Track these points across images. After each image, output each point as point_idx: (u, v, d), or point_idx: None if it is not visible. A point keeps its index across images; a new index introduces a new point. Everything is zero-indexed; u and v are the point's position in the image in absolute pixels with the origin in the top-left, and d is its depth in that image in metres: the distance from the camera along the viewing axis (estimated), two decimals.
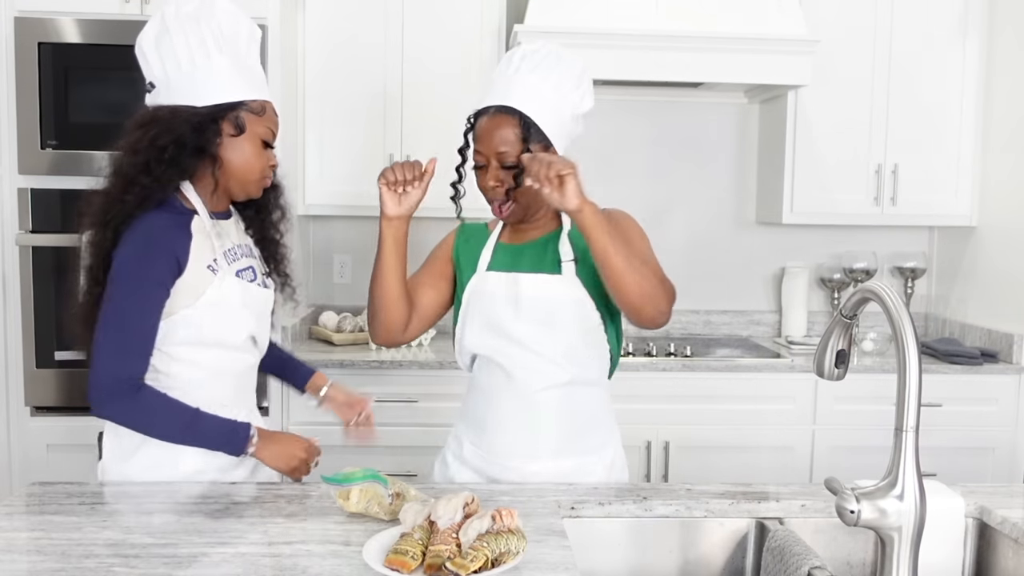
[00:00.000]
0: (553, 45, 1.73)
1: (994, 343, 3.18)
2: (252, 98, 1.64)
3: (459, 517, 1.33)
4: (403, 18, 3.15)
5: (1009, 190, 3.18)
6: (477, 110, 1.72)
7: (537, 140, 1.67)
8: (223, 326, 1.66)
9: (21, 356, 2.80)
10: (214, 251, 1.64)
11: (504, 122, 1.66)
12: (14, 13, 2.72)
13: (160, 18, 1.62)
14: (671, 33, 2.98)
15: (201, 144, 1.60)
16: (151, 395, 1.59)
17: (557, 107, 1.69)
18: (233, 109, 1.62)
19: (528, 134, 1.66)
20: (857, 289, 1.18)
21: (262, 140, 1.66)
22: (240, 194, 1.70)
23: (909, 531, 1.09)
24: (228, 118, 1.62)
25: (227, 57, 1.61)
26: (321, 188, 3.21)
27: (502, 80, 1.70)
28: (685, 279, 3.59)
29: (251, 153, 1.65)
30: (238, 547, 1.33)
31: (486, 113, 1.69)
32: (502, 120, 1.66)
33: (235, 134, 1.63)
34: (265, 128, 1.66)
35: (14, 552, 1.32)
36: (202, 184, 1.66)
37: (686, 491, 1.62)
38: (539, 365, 1.71)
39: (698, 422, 3.03)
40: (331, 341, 3.22)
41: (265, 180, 1.70)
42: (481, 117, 1.70)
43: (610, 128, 3.57)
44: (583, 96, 1.73)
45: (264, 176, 1.69)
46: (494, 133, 1.66)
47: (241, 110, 1.62)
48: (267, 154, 1.68)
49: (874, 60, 3.26)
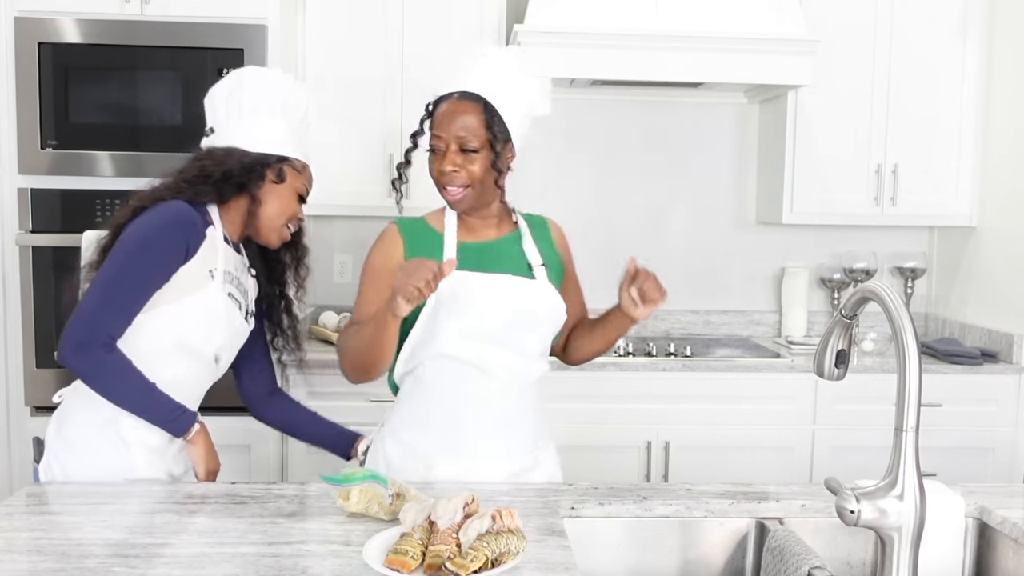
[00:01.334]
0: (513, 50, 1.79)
1: (994, 343, 3.18)
2: (298, 157, 1.83)
3: (459, 517, 1.33)
4: (403, 18, 3.15)
5: (1009, 190, 3.18)
6: (437, 96, 1.71)
7: (499, 128, 1.67)
8: (199, 333, 1.74)
9: (21, 356, 2.80)
10: (217, 262, 1.73)
11: (468, 107, 1.66)
12: (14, 13, 2.72)
13: (238, 75, 1.83)
14: (671, 33, 2.98)
15: (244, 181, 1.76)
16: (119, 357, 1.66)
17: (518, 100, 1.70)
18: (280, 161, 1.79)
19: (491, 121, 1.66)
20: (857, 289, 1.18)
21: (298, 193, 1.83)
22: (260, 236, 1.83)
23: (909, 531, 1.09)
24: (273, 167, 1.79)
25: (285, 120, 1.82)
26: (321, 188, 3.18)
27: (467, 67, 1.72)
28: (685, 279, 3.62)
29: (285, 201, 1.81)
30: (238, 547, 1.33)
31: (448, 99, 1.68)
32: (466, 105, 1.66)
33: (276, 181, 1.79)
34: (303, 184, 1.84)
35: (14, 552, 1.32)
36: (229, 213, 1.80)
37: (686, 491, 1.62)
38: (519, 364, 1.71)
39: (698, 422, 3.03)
40: (331, 341, 3.22)
41: (285, 231, 1.84)
42: (441, 103, 1.69)
43: (610, 128, 3.57)
44: (543, 98, 1.75)
45: (286, 224, 1.83)
46: (455, 117, 1.65)
47: (286, 164, 1.80)
48: (297, 207, 1.84)
49: (874, 60, 3.26)
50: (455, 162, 1.65)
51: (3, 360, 2.82)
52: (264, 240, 1.84)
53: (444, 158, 1.66)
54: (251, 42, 2.77)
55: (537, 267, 1.73)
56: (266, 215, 1.80)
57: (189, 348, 1.73)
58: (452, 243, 1.72)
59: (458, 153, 1.65)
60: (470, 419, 1.72)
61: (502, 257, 1.74)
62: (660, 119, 3.57)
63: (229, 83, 1.82)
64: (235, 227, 1.82)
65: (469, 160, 1.65)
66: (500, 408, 1.72)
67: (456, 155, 1.65)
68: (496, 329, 1.69)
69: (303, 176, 1.85)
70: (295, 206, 1.84)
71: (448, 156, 1.66)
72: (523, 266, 1.73)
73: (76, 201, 2.77)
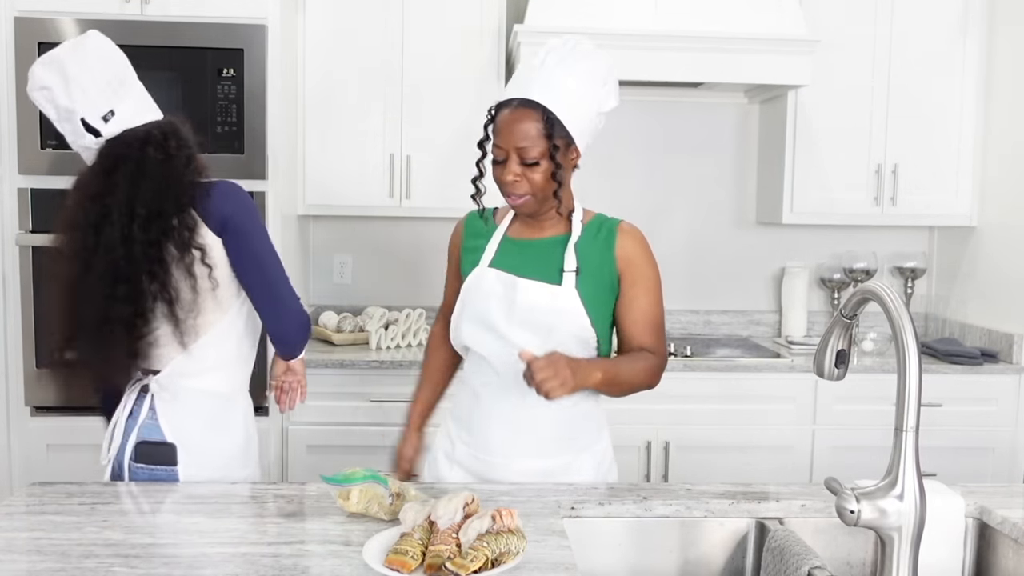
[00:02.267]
0: (581, 40, 1.68)
1: (994, 343, 3.18)
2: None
3: (459, 517, 1.33)
4: (403, 18, 3.15)
5: (1009, 190, 3.18)
6: (499, 102, 1.68)
7: (560, 136, 1.63)
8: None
9: (21, 356, 2.80)
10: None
11: (526, 116, 1.62)
12: (14, 13, 2.72)
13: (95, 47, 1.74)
14: (671, 33, 2.98)
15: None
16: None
17: (581, 102, 1.66)
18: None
19: (551, 130, 1.62)
20: (857, 289, 1.18)
21: None
22: None
23: (909, 531, 1.09)
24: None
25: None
26: (321, 188, 3.20)
27: (526, 72, 1.67)
28: (685, 279, 3.62)
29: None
30: (238, 547, 1.33)
31: (508, 106, 1.65)
32: (524, 114, 1.62)
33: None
34: None
35: (14, 552, 1.32)
36: None
37: (686, 491, 1.62)
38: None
39: (698, 422, 3.03)
40: (331, 341, 3.22)
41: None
42: (502, 110, 1.66)
43: (610, 128, 3.51)
44: (609, 93, 1.71)
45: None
46: (515, 127, 1.62)
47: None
48: None
49: (874, 60, 3.26)
50: (515, 172, 1.64)
51: (3, 360, 2.82)
52: None
53: (506, 167, 1.65)
54: (251, 42, 2.77)
55: (567, 273, 1.69)
56: None
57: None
58: (498, 235, 1.78)
59: (519, 164, 1.64)
60: (484, 412, 1.75)
61: (539, 258, 1.73)
62: (660, 119, 3.57)
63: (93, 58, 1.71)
64: None
65: (530, 170, 1.64)
66: (513, 407, 1.72)
67: (517, 165, 1.64)
68: (504, 328, 1.70)
69: None
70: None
71: (509, 166, 1.64)
72: (552, 271, 1.70)
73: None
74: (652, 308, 1.74)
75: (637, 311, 1.73)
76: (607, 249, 1.72)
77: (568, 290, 1.68)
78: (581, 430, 1.77)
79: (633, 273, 1.73)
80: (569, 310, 1.68)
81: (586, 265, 1.70)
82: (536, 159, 1.63)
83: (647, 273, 1.74)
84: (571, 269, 1.69)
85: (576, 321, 1.69)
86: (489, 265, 1.75)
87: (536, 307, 1.68)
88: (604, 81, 1.69)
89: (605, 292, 1.72)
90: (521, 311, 1.68)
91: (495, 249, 1.76)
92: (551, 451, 1.74)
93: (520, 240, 1.76)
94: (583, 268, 1.70)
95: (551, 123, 1.62)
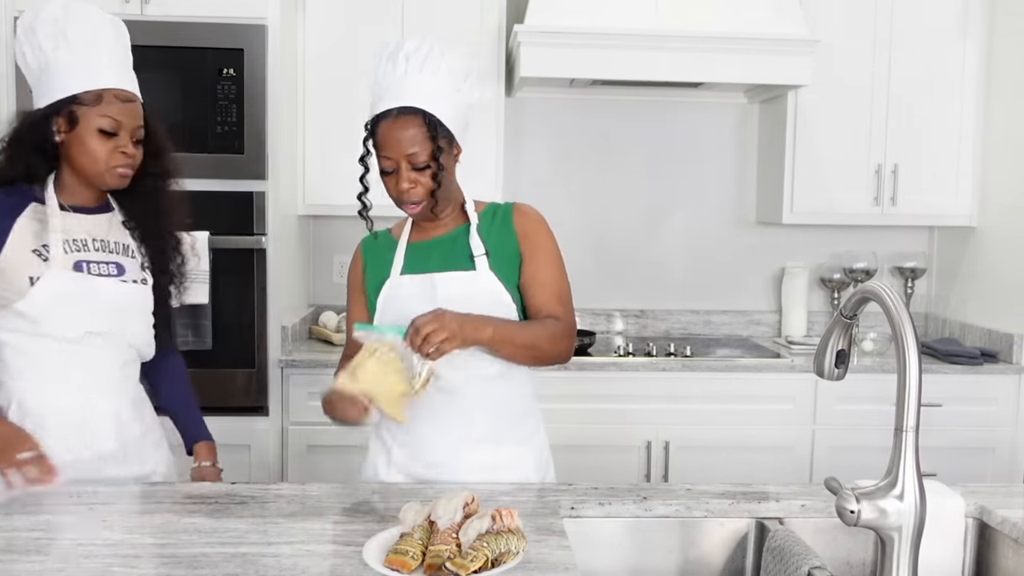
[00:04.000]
0: (432, 38, 1.70)
1: (994, 343, 3.18)
2: (86, 88, 1.61)
3: (459, 517, 1.33)
4: (403, 18, 3.15)
5: (1009, 190, 3.18)
6: (375, 115, 1.68)
7: (443, 136, 1.66)
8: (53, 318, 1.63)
9: None
10: (43, 238, 1.64)
11: (409, 123, 1.64)
12: (14, 13, 2.72)
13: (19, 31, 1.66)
14: (671, 33, 2.98)
15: (37, 143, 1.63)
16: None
17: (454, 101, 1.68)
18: (67, 104, 1.62)
19: (435, 132, 1.65)
20: (857, 289, 1.18)
21: (99, 129, 1.62)
22: (100, 186, 1.69)
23: (909, 531, 1.09)
24: (59, 116, 1.63)
25: (63, 54, 1.62)
26: (321, 188, 3.20)
27: (393, 82, 1.67)
28: (685, 279, 3.62)
29: (89, 146, 1.63)
30: (238, 547, 1.33)
31: (387, 116, 1.65)
32: (406, 121, 1.64)
33: (68, 129, 1.63)
34: (102, 118, 1.62)
35: (14, 552, 1.31)
36: (63, 178, 1.69)
37: (686, 491, 1.62)
38: (462, 360, 1.68)
39: (698, 422, 3.03)
40: (331, 341, 3.22)
41: (117, 171, 1.66)
42: (381, 122, 1.66)
43: (610, 128, 3.57)
44: (473, 86, 1.73)
45: (113, 167, 1.65)
46: (401, 135, 1.64)
47: (73, 104, 1.62)
48: (108, 143, 1.64)
49: (874, 60, 3.26)
50: (410, 179, 1.66)
51: None
52: (107, 188, 1.70)
53: (398, 177, 1.66)
54: (251, 42, 2.77)
55: (478, 257, 1.72)
56: (81, 169, 1.65)
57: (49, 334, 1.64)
58: (402, 248, 1.79)
59: (410, 170, 1.66)
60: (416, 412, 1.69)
61: (446, 252, 1.75)
62: (660, 119, 3.57)
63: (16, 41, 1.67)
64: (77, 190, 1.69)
65: (422, 174, 1.66)
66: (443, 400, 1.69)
67: (409, 172, 1.66)
68: None
69: (99, 107, 1.62)
70: (103, 146, 1.63)
71: (402, 175, 1.66)
72: (462, 259, 1.73)
73: None
74: (554, 279, 1.76)
75: (539, 282, 1.75)
76: (506, 228, 1.76)
77: (484, 272, 1.72)
78: (520, 422, 1.78)
79: (532, 246, 1.76)
80: (490, 291, 1.71)
81: (491, 247, 1.74)
82: (426, 162, 1.65)
83: (546, 244, 1.77)
84: (480, 253, 1.73)
85: (499, 301, 1.71)
86: (401, 273, 1.76)
87: (457, 297, 1.68)
88: (467, 75, 1.71)
89: (514, 270, 1.75)
90: (444, 304, 1.66)
91: (402, 258, 1.78)
92: (491, 443, 1.73)
93: (423, 242, 1.78)
94: (490, 250, 1.73)
95: (433, 125, 1.64)
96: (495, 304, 1.70)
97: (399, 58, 1.67)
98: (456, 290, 1.70)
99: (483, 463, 1.72)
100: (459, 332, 1.56)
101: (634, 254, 3.62)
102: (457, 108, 1.69)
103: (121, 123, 1.65)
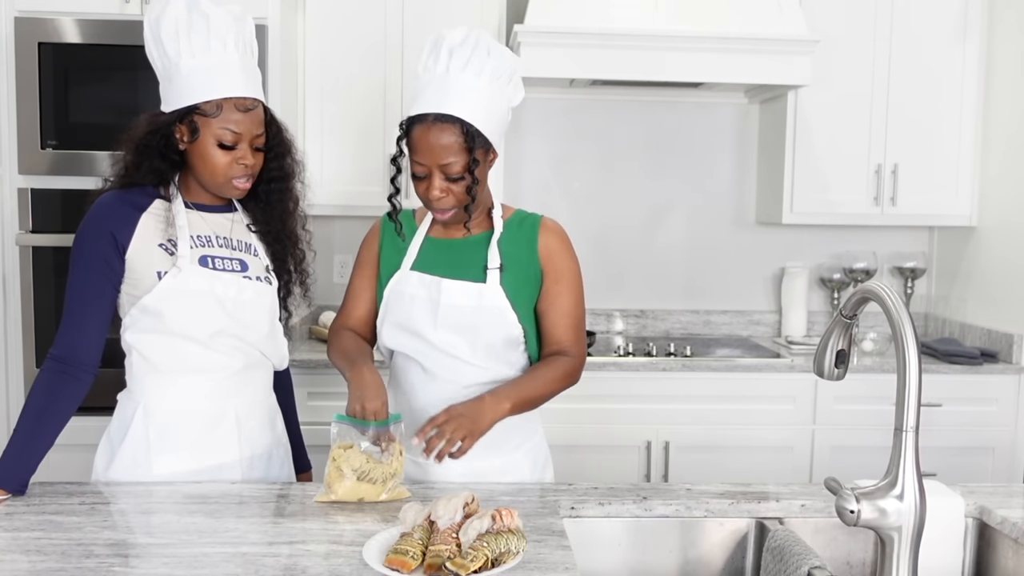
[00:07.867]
0: (479, 32, 1.63)
1: (994, 343, 3.18)
2: (206, 99, 1.60)
3: (459, 517, 1.33)
4: (403, 18, 3.15)
5: (1009, 190, 3.18)
6: (411, 116, 1.62)
7: (480, 146, 1.61)
8: (179, 314, 1.63)
9: (21, 356, 2.80)
10: (169, 233, 1.64)
11: (445, 131, 1.57)
12: (14, 13, 2.72)
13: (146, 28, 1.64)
14: (671, 33, 2.98)
15: (162, 151, 1.64)
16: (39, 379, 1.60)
17: (494, 106, 1.63)
18: (189, 113, 1.61)
19: (472, 143, 1.59)
20: (857, 289, 1.18)
21: (218, 142, 1.62)
22: (219, 195, 1.70)
23: (909, 531, 1.09)
24: (182, 125, 1.62)
25: (187, 58, 1.59)
26: (321, 188, 3.20)
27: (432, 79, 1.61)
28: (685, 279, 3.62)
29: (207, 158, 1.62)
30: (238, 547, 1.34)
31: (423, 121, 1.59)
32: (443, 129, 1.57)
33: (190, 139, 1.63)
34: (222, 130, 1.61)
35: (14, 552, 1.32)
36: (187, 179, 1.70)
37: (686, 491, 1.62)
38: (459, 367, 1.69)
39: (698, 422, 3.03)
40: None
41: (234, 182, 1.65)
42: (417, 125, 1.60)
43: (610, 128, 3.57)
44: (516, 88, 1.68)
45: (230, 178, 1.64)
46: (435, 144, 1.57)
47: (194, 113, 1.61)
48: (227, 156, 1.63)
49: (874, 60, 3.26)
50: (441, 188, 1.61)
51: (3, 360, 2.82)
52: (226, 195, 1.70)
53: (430, 185, 1.61)
54: None
55: (491, 270, 1.67)
56: (201, 178, 1.66)
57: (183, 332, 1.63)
58: (419, 237, 1.75)
59: (443, 180, 1.61)
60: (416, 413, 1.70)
61: (462, 257, 1.71)
62: (660, 119, 3.58)
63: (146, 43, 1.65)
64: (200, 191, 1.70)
65: (455, 184, 1.61)
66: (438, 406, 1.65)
67: (441, 181, 1.61)
68: (429, 332, 1.68)
69: (218, 119, 1.61)
70: (222, 158, 1.62)
71: (434, 183, 1.61)
72: (476, 269, 1.69)
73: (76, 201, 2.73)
74: (574, 306, 1.73)
75: (559, 309, 1.72)
76: (530, 244, 1.71)
77: (493, 287, 1.67)
78: (515, 429, 1.73)
79: (556, 269, 1.72)
80: (495, 307, 1.66)
81: (509, 261, 1.69)
82: (460, 174, 1.60)
83: (569, 267, 1.73)
84: (495, 266, 1.68)
85: (502, 317, 1.67)
86: (411, 268, 1.72)
87: (461, 307, 1.66)
88: (510, 77, 1.66)
89: (529, 287, 1.71)
90: (446, 313, 1.65)
91: (417, 251, 1.73)
92: (487, 451, 1.67)
93: (442, 240, 1.74)
94: (507, 264, 1.69)
95: (471, 136, 1.59)
96: (497, 322, 1.67)
97: (442, 50, 1.61)
98: (460, 301, 1.67)
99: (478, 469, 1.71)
100: (475, 428, 1.55)
101: (634, 254, 3.62)
102: (497, 114, 1.63)
103: (240, 135, 1.63)
